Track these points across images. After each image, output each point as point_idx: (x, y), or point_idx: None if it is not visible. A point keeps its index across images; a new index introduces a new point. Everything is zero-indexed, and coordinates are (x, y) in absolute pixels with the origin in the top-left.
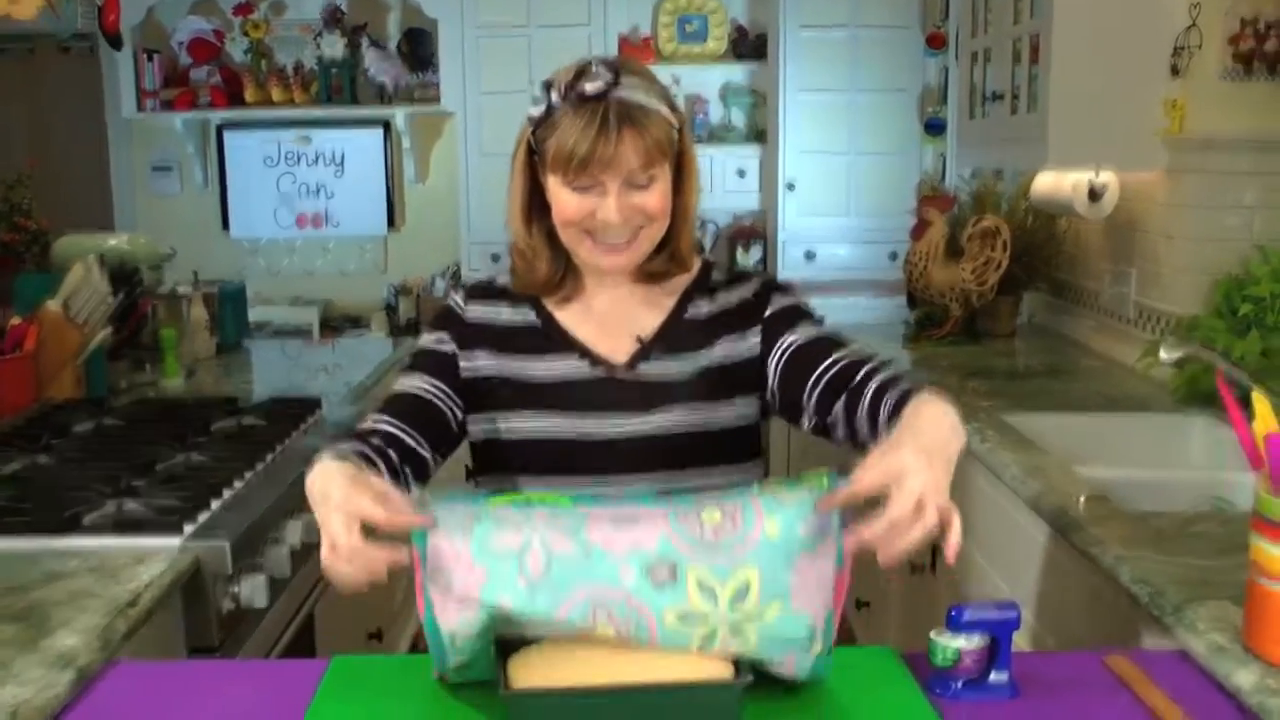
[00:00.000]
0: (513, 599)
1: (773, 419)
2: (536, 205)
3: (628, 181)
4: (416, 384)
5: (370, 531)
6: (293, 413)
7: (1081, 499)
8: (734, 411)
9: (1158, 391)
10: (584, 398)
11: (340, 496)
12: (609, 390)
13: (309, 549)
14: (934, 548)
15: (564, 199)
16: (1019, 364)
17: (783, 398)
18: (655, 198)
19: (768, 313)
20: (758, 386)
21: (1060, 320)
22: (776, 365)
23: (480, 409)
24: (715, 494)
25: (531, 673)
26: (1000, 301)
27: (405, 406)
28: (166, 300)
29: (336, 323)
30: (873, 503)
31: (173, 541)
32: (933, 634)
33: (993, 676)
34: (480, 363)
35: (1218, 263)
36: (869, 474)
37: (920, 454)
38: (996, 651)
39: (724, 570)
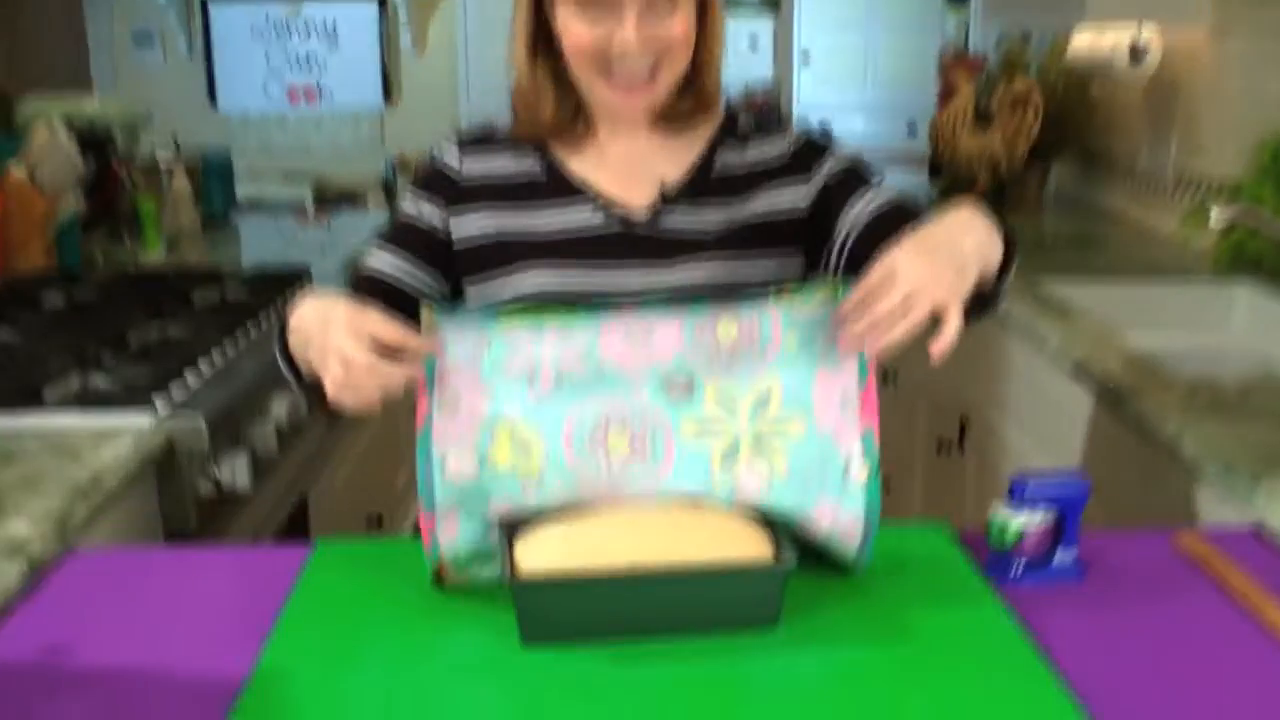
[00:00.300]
0: (520, 407)
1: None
2: (542, 40)
3: (647, 5)
4: (385, 264)
5: None
6: (280, 284)
7: (1128, 367)
8: (770, 268)
9: (1196, 260)
10: (598, 251)
11: (345, 317)
12: (626, 243)
13: (297, 428)
14: (961, 424)
15: (576, 27)
16: (1050, 234)
17: (851, 262)
18: (678, 24)
19: (824, 172)
20: (800, 243)
21: (1091, 190)
22: (848, 233)
23: (479, 271)
24: (731, 306)
25: (541, 558)
26: (1029, 170)
27: (369, 291)
28: (145, 169)
29: (331, 199)
30: None
31: (142, 418)
32: (992, 510)
33: (1058, 556)
34: (478, 223)
35: (1264, 124)
36: (868, 276)
37: (920, 252)
38: (1061, 529)
39: (743, 382)
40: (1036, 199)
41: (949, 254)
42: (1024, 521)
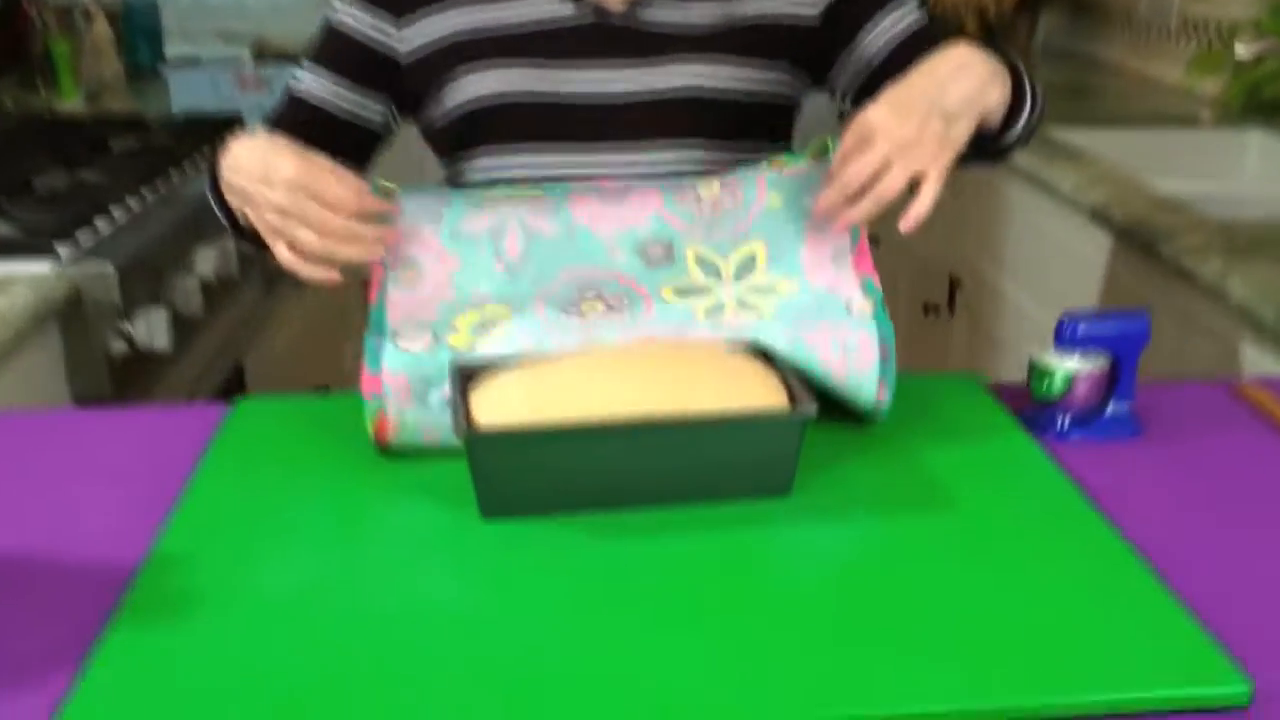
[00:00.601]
0: (490, 284)
1: None
2: None
3: None
4: (316, 87)
5: None
6: (209, 131)
7: (1156, 208)
8: (766, 80)
9: (1201, 108)
10: (569, 47)
11: (293, 171)
12: (602, 36)
13: (227, 285)
14: (951, 284)
15: None
16: (1046, 83)
17: (875, 87)
18: None
19: None
20: (804, 56)
21: (1084, 41)
22: (873, 55)
23: (432, 79)
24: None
25: (503, 408)
26: (1018, 19)
27: (303, 118)
28: (59, 12)
29: (271, 59)
30: None
31: (42, 266)
32: (1035, 355)
33: (1111, 408)
34: (431, 26)
35: None
36: (842, 142)
37: (898, 110)
38: (1115, 376)
39: (725, 245)
40: (1026, 49)
41: (933, 109)
42: (1074, 367)
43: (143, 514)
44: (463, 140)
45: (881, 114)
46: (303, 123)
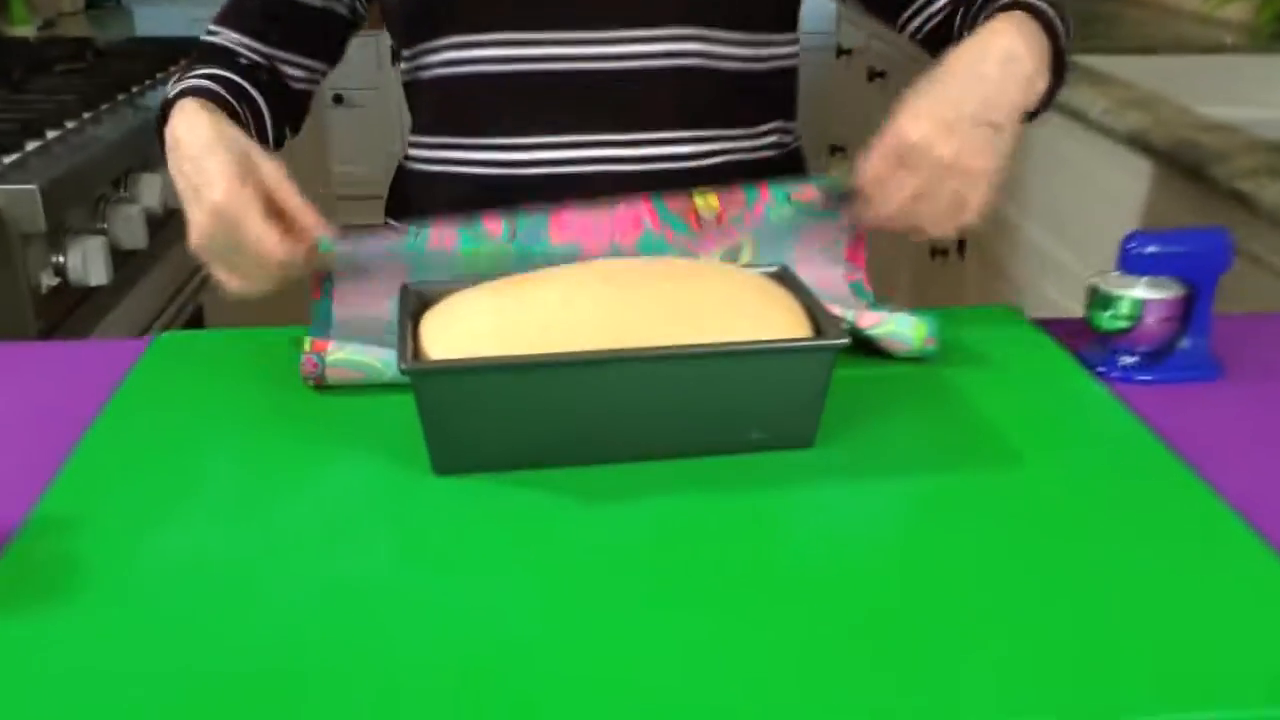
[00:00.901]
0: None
1: None
2: None
3: None
4: None
5: None
6: (162, 54)
7: (1204, 131)
8: None
9: (1224, 34)
10: None
11: (221, 196)
12: None
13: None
14: None
15: None
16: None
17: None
18: None
19: None
20: None
21: None
22: None
23: None
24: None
25: (463, 339)
26: None
27: (261, 10)
28: None
29: None
30: None
31: None
32: (1094, 279)
33: (1184, 344)
34: None
35: None
36: (873, 160)
37: (936, 122)
38: (1190, 306)
39: (711, 246)
40: None
41: (978, 119)
42: (1143, 294)
43: (33, 466)
44: (423, 23)
45: (921, 129)
46: (262, 16)
